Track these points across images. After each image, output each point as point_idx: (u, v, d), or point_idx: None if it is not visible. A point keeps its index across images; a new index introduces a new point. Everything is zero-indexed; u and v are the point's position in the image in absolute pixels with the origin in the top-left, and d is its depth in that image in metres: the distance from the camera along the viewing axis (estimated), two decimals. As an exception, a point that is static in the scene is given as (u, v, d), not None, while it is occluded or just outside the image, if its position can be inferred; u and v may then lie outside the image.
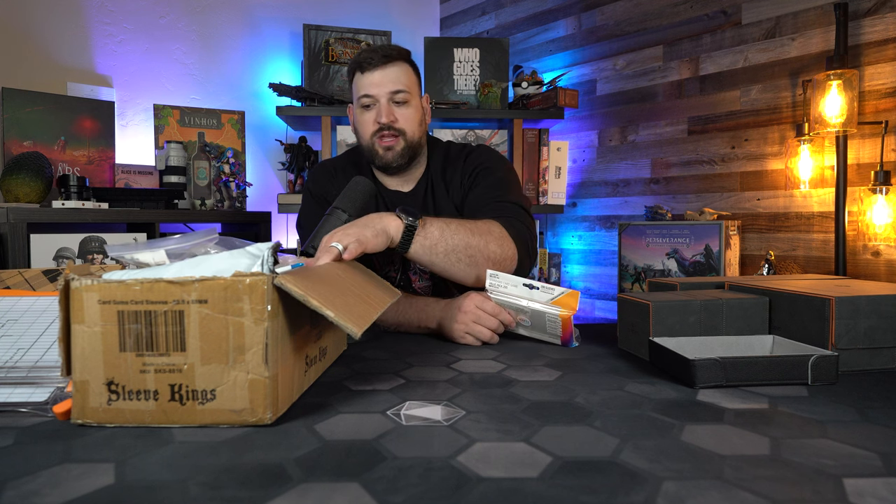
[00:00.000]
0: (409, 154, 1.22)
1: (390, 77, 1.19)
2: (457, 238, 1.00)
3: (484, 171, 1.23)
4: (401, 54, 1.22)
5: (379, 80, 1.19)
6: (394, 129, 1.19)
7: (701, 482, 0.44)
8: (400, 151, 1.21)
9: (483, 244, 1.02)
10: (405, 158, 1.22)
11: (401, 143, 1.21)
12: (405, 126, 1.20)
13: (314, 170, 1.35)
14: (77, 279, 0.55)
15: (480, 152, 1.28)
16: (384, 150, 1.21)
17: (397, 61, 1.20)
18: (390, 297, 0.81)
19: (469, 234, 1.01)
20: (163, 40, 2.35)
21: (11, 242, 1.64)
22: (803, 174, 1.84)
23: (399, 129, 1.20)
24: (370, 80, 1.19)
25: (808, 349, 0.73)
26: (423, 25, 2.93)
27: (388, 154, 1.21)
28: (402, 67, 1.21)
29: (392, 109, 1.20)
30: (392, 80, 1.19)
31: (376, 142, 1.21)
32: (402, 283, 1.24)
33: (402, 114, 1.20)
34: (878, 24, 1.70)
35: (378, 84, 1.19)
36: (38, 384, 0.63)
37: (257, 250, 0.63)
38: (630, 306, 0.89)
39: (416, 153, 1.24)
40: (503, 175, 1.23)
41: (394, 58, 1.20)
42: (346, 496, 0.42)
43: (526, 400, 0.65)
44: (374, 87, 1.19)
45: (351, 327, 0.58)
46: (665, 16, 2.20)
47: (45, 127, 1.97)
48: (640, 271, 2.04)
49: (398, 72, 1.20)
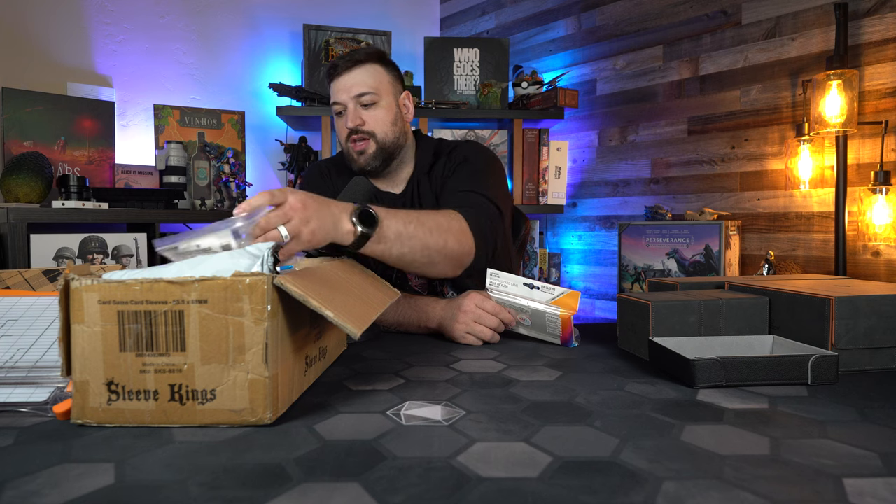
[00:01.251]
0: (382, 155, 1.22)
1: (355, 81, 1.20)
2: (414, 240, 0.94)
3: (463, 163, 1.23)
4: (369, 56, 1.22)
5: (344, 86, 1.20)
6: (363, 132, 1.20)
7: (701, 482, 0.44)
8: (372, 154, 1.21)
9: (441, 244, 0.98)
10: (378, 160, 1.22)
11: (372, 146, 1.21)
12: (374, 127, 1.20)
13: (308, 170, 1.35)
14: (77, 279, 0.55)
15: (466, 146, 1.28)
16: (357, 154, 1.22)
17: (364, 64, 1.21)
18: (390, 298, 0.81)
19: (428, 234, 0.96)
20: (163, 40, 2.35)
21: (11, 242, 1.64)
22: (803, 174, 1.84)
23: (368, 132, 1.20)
24: (338, 86, 1.21)
25: (808, 349, 0.73)
26: (423, 25, 2.93)
27: (360, 158, 1.22)
28: (369, 69, 1.21)
29: (359, 112, 1.20)
30: (357, 83, 1.20)
31: (350, 146, 1.22)
32: (398, 280, 1.24)
33: (370, 115, 1.20)
34: (878, 24, 1.70)
35: (345, 89, 1.20)
36: (38, 384, 0.63)
37: (257, 250, 0.63)
38: (630, 306, 0.89)
39: (391, 154, 1.23)
40: (482, 167, 1.22)
41: (361, 61, 1.20)
42: (346, 496, 0.42)
43: (526, 400, 0.65)
44: (341, 93, 1.20)
45: (350, 328, 0.58)
46: (665, 16, 2.20)
47: (45, 127, 1.97)
48: (640, 271, 2.04)
49: (364, 74, 1.20)
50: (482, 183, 1.18)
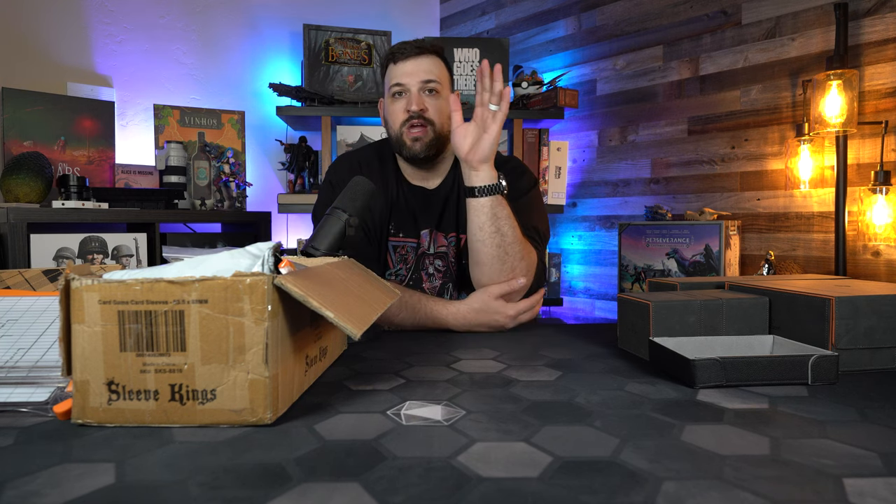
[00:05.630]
0: (436, 145, 1.22)
1: (422, 67, 1.21)
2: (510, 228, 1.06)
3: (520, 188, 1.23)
4: (434, 48, 1.24)
5: (411, 70, 1.21)
6: (423, 119, 1.20)
7: (701, 482, 0.44)
8: (428, 142, 1.21)
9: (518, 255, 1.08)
10: (433, 150, 1.22)
11: (429, 135, 1.21)
12: (434, 116, 1.21)
13: (337, 161, 1.33)
14: (77, 279, 0.55)
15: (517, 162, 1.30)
16: (412, 140, 1.21)
17: (430, 54, 1.22)
18: (390, 298, 0.81)
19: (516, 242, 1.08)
20: (163, 40, 2.35)
21: (11, 242, 1.64)
22: (803, 174, 1.84)
23: (428, 119, 1.20)
24: (402, 69, 1.21)
25: (808, 349, 0.73)
26: (423, 25, 2.93)
27: (415, 144, 1.21)
28: (434, 60, 1.23)
29: (423, 98, 1.21)
30: (424, 69, 1.21)
31: (405, 132, 1.21)
32: (411, 282, 1.24)
33: (433, 104, 1.21)
34: (878, 24, 1.70)
35: (410, 73, 1.20)
36: (39, 384, 0.63)
37: (258, 250, 0.63)
38: (630, 306, 0.89)
39: (443, 146, 1.24)
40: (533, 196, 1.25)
41: (426, 50, 1.22)
42: (346, 496, 0.42)
43: (526, 400, 0.65)
44: (405, 77, 1.21)
45: (351, 328, 0.58)
46: (665, 16, 2.20)
47: (45, 127, 1.97)
48: (640, 271, 2.04)
49: (430, 63, 1.22)
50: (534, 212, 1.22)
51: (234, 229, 2.35)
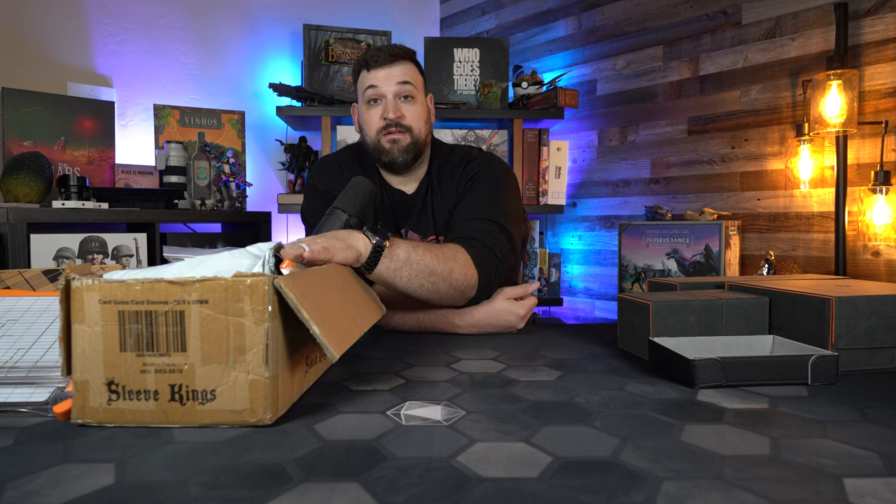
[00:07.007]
0: (413, 150, 1.22)
1: (396, 73, 1.21)
2: (422, 264, 0.97)
3: (478, 181, 1.22)
4: (407, 54, 1.23)
5: (385, 76, 1.20)
6: (401, 126, 1.20)
7: (701, 482, 0.44)
8: (405, 147, 1.21)
9: (447, 272, 1.01)
10: (410, 155, 1.22)
11: (407, 139, 1.21)
12: (412, 122, 1.21)
13: (317, 165, 1.34)
14: (78, 279, 0.55)
15: (482, 160, 1.27)
16: (390, 143, 1.21)
17: (403, 60, 1.22)
18: (377, 315, 0.81)
19: (434, 261, 0.99)
20: (163, 40, 2.35)
21: (11, 242, 1.64)
22: (803, 174, 1.84)
23: (406, 126, 1.21)
24: (376, 76, 1.21)
25: (808, 349, 0.73)
26: (423, 25, 2.93)
27: (393, 148, 1.21)
28: (407, 66, 1.23)
29: (399, 106, 1.21)
30: (398, 76, 1.20)
31: (382, 137, 1.21)
32: None
33: (409, 110, 1.22)
34: (878, 24, 1.70)
35: (384, 80, 1.20)
36: (38, 384, 0.63)
37: (258, 251, 0.63)
38: (630, 306, 0.89)
39: (420, 151, 1.24)
40: (496, 186, 1.21)
41: (400, 56, 1.22)
42: (346, 496, 0.42)
43: (526, 400, 0.65)
44: (381, 84, 1.20)
45: (332, 350, 0.57)
46: (665, 16, 2.20)
47: (45, 127, 1.97)
48: (640, 271, 2.04)
49: (404, 69, 1.22)
50: (493, 206, 1.17)
51: (234, 229, 2.35)
